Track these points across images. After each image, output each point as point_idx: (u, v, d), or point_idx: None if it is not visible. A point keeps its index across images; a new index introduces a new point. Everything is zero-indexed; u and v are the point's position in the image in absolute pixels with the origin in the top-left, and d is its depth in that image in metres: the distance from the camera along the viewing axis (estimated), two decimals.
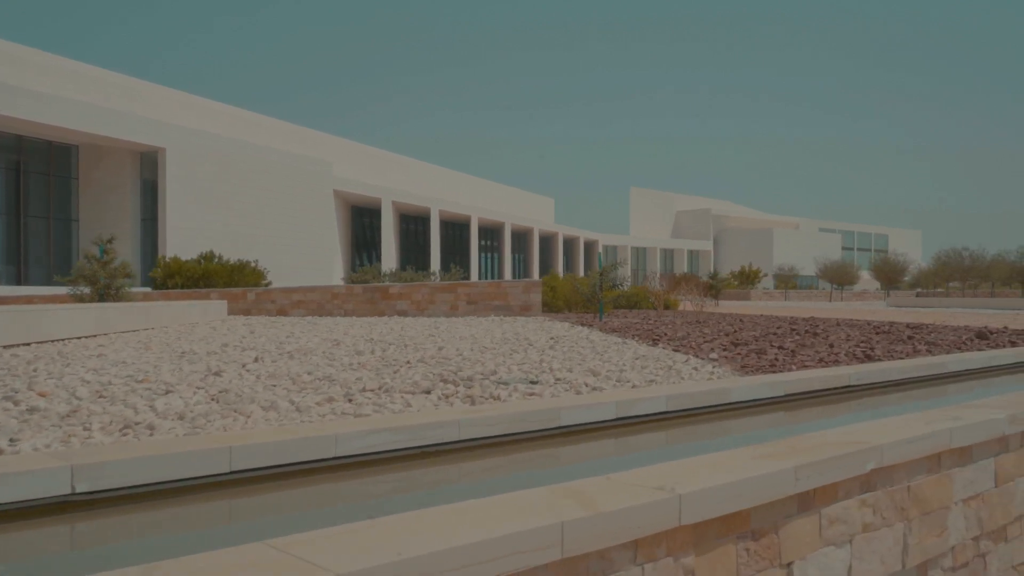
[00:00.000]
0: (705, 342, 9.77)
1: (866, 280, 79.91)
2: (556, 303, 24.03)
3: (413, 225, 67.24)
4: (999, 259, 56.12)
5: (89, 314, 12.03)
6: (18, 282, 38.35)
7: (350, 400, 5.17)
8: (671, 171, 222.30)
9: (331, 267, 51.90)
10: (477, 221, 68.15)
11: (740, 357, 8.12)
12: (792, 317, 17.23)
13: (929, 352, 9.09)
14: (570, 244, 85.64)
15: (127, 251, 40.35)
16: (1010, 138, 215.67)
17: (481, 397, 5.22)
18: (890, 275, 59.73)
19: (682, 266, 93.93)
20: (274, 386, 5.76)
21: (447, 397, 5.31)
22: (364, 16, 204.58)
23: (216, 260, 25.62)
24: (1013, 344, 9.89)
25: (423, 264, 62.92)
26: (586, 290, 18.20)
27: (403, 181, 65.69)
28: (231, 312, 20.35)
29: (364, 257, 63.34)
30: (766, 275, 67.00)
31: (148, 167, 41.99)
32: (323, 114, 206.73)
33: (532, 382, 5.72)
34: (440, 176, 73.40)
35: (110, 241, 17.96)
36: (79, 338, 11.08)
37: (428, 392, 5.44)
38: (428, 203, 63.15)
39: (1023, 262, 53.51)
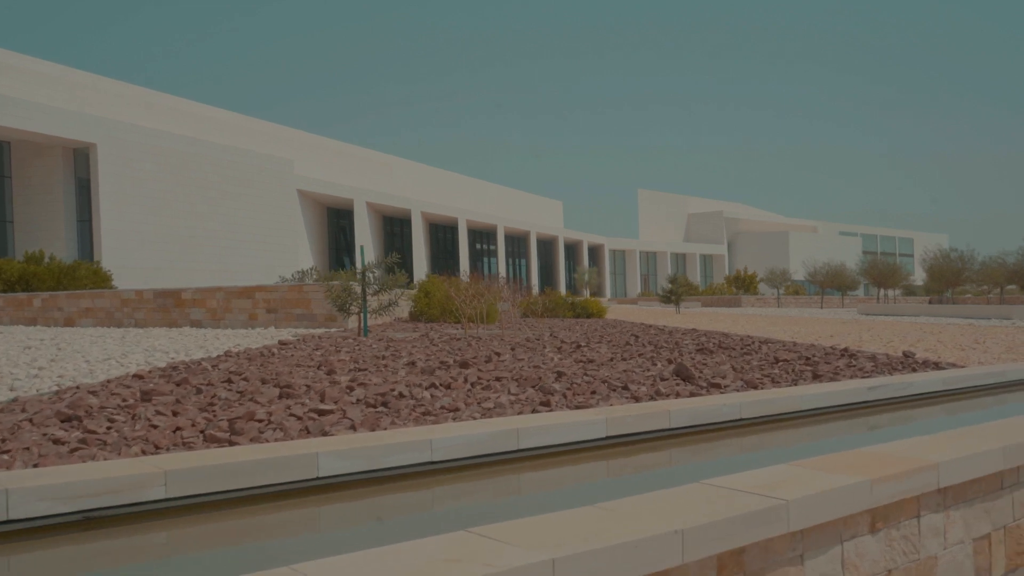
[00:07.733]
0: None
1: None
2: (431, 311, 21.10)
3: (397, 228, 64.53)
4: (996, 260, 50.76)
5: None
6: None
7: None
8: (684, 175, 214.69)
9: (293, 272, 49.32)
10: (466, 224, 64.98)
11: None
12: (644, 327, 14.06)
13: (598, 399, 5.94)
14: (575, 248, 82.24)
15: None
16: None
17: None
18: (880, 279, 54.59)
19: (694, 271, 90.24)
20: None
21: None
22: (377, 16, 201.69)
23: (47, 260, 23.00)
24: (714, 387, 6.64)
25: (408, 269, 59.93)
26: (337, 299, 13.79)
27: (387, 182, 62.90)
28: (15, 321, 17.81)
29: (343, 262, 60.77)
30: (762, 280, 62.73)
31: (83, 165, 39.93)
32: (327, 122, 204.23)
33: None
34: (433, 177, 70.46)
35: None
36: None
37: None
38: (409, 204, 60.17)
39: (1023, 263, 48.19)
